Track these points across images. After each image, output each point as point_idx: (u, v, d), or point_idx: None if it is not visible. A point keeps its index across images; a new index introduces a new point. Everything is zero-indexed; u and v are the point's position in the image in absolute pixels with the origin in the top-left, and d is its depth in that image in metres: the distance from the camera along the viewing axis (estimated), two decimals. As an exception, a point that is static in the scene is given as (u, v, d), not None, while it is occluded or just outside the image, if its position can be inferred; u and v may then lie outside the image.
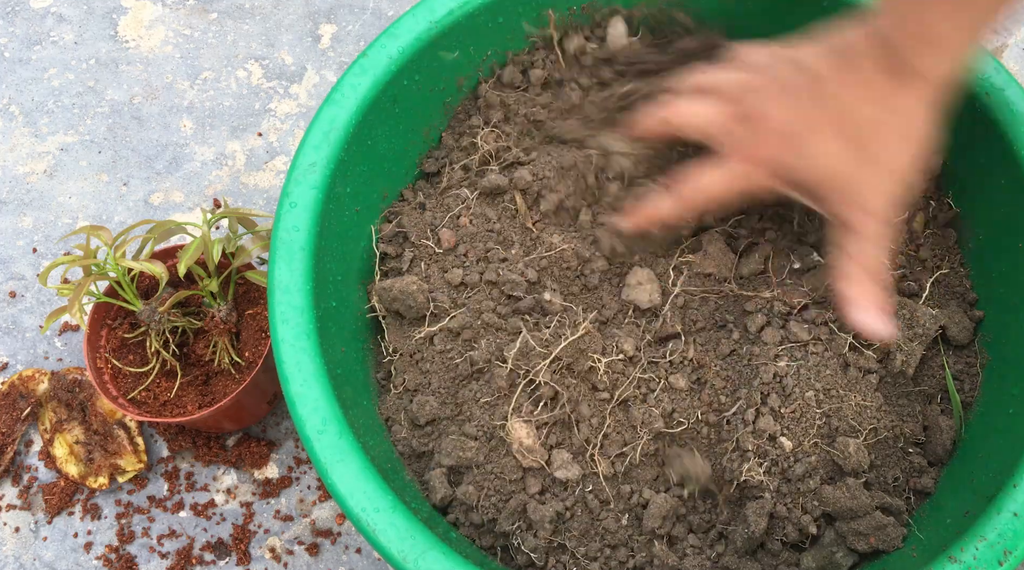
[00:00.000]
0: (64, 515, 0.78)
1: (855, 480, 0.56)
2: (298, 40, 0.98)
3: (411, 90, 0.66)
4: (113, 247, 0.69)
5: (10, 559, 0.77)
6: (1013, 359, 0.59)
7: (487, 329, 0.61)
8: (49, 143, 0.93)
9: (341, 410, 0.55)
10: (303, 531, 0.78)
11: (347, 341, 0.62)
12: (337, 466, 0.53)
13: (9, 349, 0.84)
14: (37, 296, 0.87)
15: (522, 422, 0.58)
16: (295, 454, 0.80)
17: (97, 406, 0.79)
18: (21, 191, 0.91)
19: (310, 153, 0.61)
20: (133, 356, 0.76)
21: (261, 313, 0.76)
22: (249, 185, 0.91)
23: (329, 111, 0.62)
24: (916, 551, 0.55)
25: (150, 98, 0.95)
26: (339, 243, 0.63)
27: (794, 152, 0.52)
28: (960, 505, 0.55)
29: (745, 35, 0.72)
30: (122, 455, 0.78)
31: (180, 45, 0.98)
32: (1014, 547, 0.50)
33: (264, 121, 0.94)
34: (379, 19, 1.00)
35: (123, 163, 0.92)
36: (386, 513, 0.52)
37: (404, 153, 0.69)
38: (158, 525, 0.78)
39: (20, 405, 0.80)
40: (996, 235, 0.63)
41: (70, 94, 0.95)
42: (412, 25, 0.65)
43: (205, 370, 0.76)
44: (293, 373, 0.55)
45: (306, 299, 0.57)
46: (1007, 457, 0.54)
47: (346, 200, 0.63)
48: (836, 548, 0.56)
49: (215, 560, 0.77)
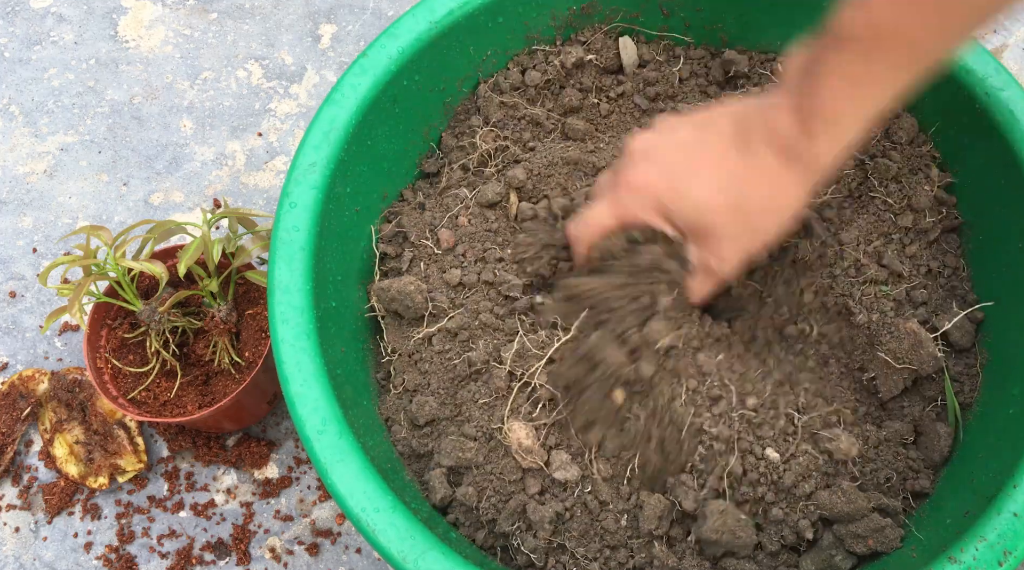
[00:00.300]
0: (64, 515, 0.78)
1: (850, 483, 0.56)
2: (298, 40, 0.98)
3: (411, 90, 0.66)
4: (113, 247, 0.69)
5: (10, 559, 0.77)
6: (1013, 359, 0.59)
7: (485, 330, 0.61)
8: (49, 143, 0.93)
9: (341, 410, 0.55)
10: (303, 531, 0.78)
11: (347, 341, 0.62)
12: (337, 466, 0.53)
13: (9, 349, 0.84)
14: (37, 296, 0.87)
15: (521, 423, 0.57)
16: (295, 454, 0.80)
17: (97, 406, 0.79)
18: (21, 191, 0.91)
19: (310, 153, 0.61)
20: (133, 356, 0.76)
21: (261, 313, 0.76)
22: (249, 185, 0.91)
23: (329, 111, 0.62)
24: (916, 552, 0.55)
25: (150, 98, 0.95)
26: (339, 243, 0.63)
27: (675, 191, 0.55)
28: (960, 505, 0.55)
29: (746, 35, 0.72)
30: (122, 455, 0.78)
31: (180, 45, 0.98)
32: (1014, 547, 0.50)
33: (264, 121, 0.94)
34: (379, 19, 1.00)
35: (123, 163, 0.92)
36: (386, 513, 0.52)
37: (404, 153, 0.69)
38: (158, 525, 0.78)
39: (20, 405, 0.80)
40: (996, 235, 0.63)
41: (70, 94, 0.95)
42: (412, 25, 0.65)
43: (205, 370, 0.76)
44: (293, 373, 0.55)
45: (306, 299, 0.57)
46: (1007, 457, 0.54)
47: (346, 200, 0.63)
48: (835, 551, 0.56)
49: (215, 560, 0.77)
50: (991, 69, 0.62)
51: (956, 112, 0.64)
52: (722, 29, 0.71)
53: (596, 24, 0.72)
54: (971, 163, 0.65)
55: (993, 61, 0.63)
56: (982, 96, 0.62)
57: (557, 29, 0.71)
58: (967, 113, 0.63)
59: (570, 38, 0.71)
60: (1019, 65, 0.96)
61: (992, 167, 0.63)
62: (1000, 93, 0.62)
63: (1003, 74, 0.62)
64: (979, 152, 0.64)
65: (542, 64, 0.71)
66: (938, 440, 0.59)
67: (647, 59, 0.72)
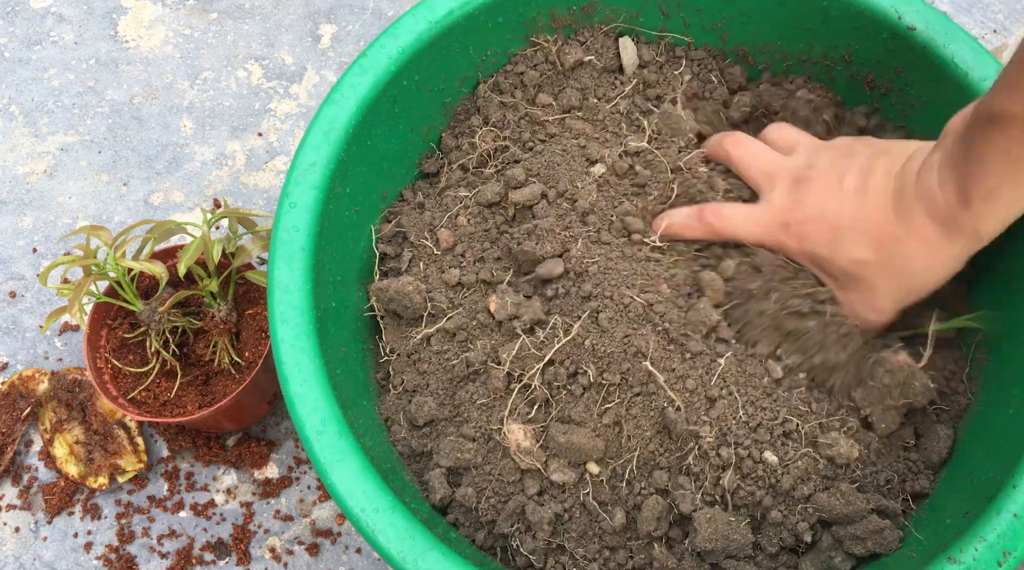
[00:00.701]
0: (64, 515, 0.78)
1: (849, 485, 0.56)
2: (298, 40, 0.98)
3: (411, 90, 0.66)
4: (113, 247, 0.69)
5: (10, 559, 0.77)
6: (1013, 359, 0.59)
7: (483, 330, 0.61)
8: (49, 143, 0.93)
9: (340, 410, 0.55)
10: (303, 531, 0.78)
11: (347, 341, 0.62)
12: (337, 466, 0.53)
13: (9, 349, 0.84)
14: (37, 296, 0.87)
15: (519, 424, 0.57)
16: (295, 454, 0.80)
17: (97, 406, 0.79)
18: (21, 191, 0.91)
19: (310, 153, 0.61)
20: (133, 356, 0.76)
21: (261, 313, 0.76)
22: (249, 185, 0.91)
23: (329, 111, 0.62)
24: (915, 552, 0.55)
25: (150, 98, 0.95)
26: (339, 243, 0.62)
27: (829, 244, 0.56)
28: (960, 506, 0.55)
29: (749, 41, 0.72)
30: (122, 455, 0.78)
31: (180, 45, 0.98)
32: (1014, 548, 0.50)
33: (264, 121, 0.94)
34: (379, 19, 1.00)
35: (123, 163, 0.92)
36: (386, 513, 0.52)
37: (404, 153, 0.69)
38: (158, 525, 0.78)
39: (20, 405, 0.80)
40: (996, 237, 0.63)
41: (70, 94, 0.95)
42: (412, 25, 0.65)
43: (205, 370, 0.76)
44: (293, 373, 0.55)
45: (306, 299, 0.57)
46: (1007, 457, 0.54)
47: (346, 200, 0.63)
48: (834, 552, 0.56)
49: (215, 560, 0.77)
50: (991, 69, 0.62)
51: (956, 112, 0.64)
52: (722, 29, 0.71)
53: (596, 24, 0.71)
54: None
55: (993, 61, 0.63)
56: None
57: (557, 29, 0.71)
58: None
59: (570, 38, 0.71)
60: (1019, 65, 0.96)
61: (992, 167, 0.63)
62: (1000, 93, 0.62)
63: (1003, 74, 0.62)
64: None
65: (542, 64, 0.71)
66: (938, 441, 0.59)
67: (647, 59, 0.72)
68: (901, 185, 0.54)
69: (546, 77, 0.70)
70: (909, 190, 0.54)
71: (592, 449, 0.57)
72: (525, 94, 0.71)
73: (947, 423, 0.60)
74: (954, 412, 0.61)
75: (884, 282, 0.56)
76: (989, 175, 0.49)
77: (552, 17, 0.70)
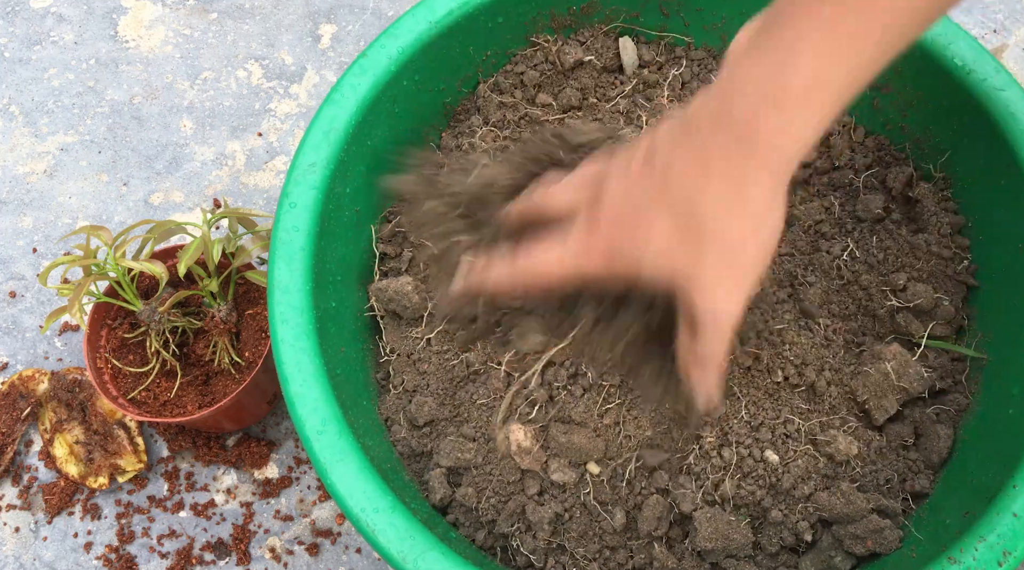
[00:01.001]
0: (64, 515, 0.78)
1: (849, 484, 0.56)
2: (298, 40, 0.98)
3: (411, 90, 0.66)
4: (113, 247, 0.69)
5: (10, 559, 0.77)
6: (1013, 359, 0.59)
7: (484, 330, 0.61)
8: (49, 143, 0.93)
9: (341, 410, 0.55)
10: (303, 531, 0.78)
11: (347, 341, 0.62)
12: (337, 466, 0.53)
13: (9, 349, 0.84)
14: (37, 296, 0.87)
15: (519, 425, 0.57)
16: (295, 454, 0.80)
17: (97, 406, 0.79)
18: (21, 191, 0.91)
19: (310, 153, 0.61)
20: (133, 356, 0.76)
21: (261, 313, 0.76)
22: (249, 185, 0.91)
23: (329, 111, 0.62)
24: (915, 552, 0.55)
25: (150, 98, 0.95)
26: (339, 243, 0.62)
27: (624, 236, 0.43)
28: (960, 506, 0.55)
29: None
30: (122, 455, 0.78)
31: (180, 45, 0.98)
32: (1013, 548, 0.50)
33: (264, 121, 0.94)
34: (379, 19, 1.00)
35: (123, 163, 0.92)
36: (386, 513, 0.52)
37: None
38: (158, 525, 0.78)
39: (20, 405, 0.80)
40: (996, 235, 0.63)
41: (70, 94, 0.95)
42: (412, 25, 0.65)
43: (205, 370, 0.76)
44: (293, 373, 0.55)
45: (306, 299, 0.57)
46: (1007, 457, 0.54)
47: (346, 200, 0.63)
48: (834, 552, 0.56)
49: (215, 560, 0.77)
50: (991, 69, 0.62)
51: (956, 112, 0.64)
52: (722, 29, 0.71)
53: (596, 24, 0.72)
54: (971, 164, 0.65)
55: (993, 61, 0.63)
56: (982, 96, 0.62)
57: (557, 29, 0.71)
58: (967, 113, 0.63)
59: (570, 38, 0.71)
60: (1019, 65, 0.96)
61: (992, 168, 0.63)
62: (1000, 93, 0.62)
63: (1003, 74, 0.62)
64: (979, 153, 0.64)
65: (542, 64, 0.71)
66: (938, 441, 0.59)
67: (647, 60, 0.72)
68: (685, 119, 0.42)
69: (546, 77, 0.70)
70: (695, 119, 0.41)
71: (592, 449, 0.57)
72: (525, 94, 0.71)
73: (947, 423, 0.60)
74: (954, 412, 0.61)
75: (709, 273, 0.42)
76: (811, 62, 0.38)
77: (552, 17, 0.70)
